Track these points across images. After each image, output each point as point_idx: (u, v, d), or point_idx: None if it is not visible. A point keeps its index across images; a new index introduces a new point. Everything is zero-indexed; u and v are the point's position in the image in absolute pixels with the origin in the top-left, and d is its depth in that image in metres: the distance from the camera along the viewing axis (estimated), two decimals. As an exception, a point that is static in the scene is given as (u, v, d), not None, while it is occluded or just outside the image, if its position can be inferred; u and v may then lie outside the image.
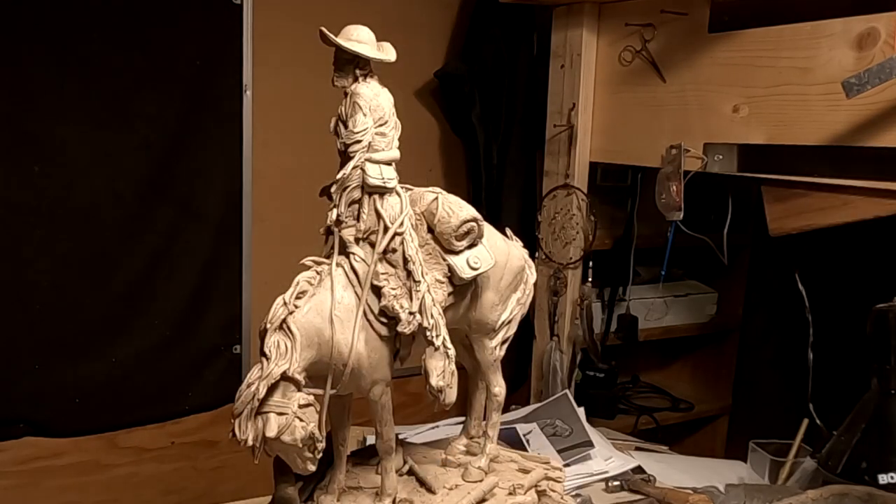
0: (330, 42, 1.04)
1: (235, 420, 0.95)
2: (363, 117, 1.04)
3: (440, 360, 1.05)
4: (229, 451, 2.16)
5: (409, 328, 1.03)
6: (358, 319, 1.01)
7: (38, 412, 1.91)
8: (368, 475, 1.17)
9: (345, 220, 1.05)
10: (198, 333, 2.07)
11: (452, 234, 1.09)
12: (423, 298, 1.03)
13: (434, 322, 1.04)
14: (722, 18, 1.70)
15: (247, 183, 2.07)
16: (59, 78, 1.81)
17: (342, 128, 1.05)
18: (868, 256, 2.12)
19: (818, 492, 1.36)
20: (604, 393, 2.36)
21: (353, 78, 1.05)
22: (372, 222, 1.05)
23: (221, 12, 1.98)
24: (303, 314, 0.99)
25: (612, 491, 1.61)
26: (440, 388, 1.04)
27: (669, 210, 1.76)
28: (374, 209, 1.05)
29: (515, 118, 2.31)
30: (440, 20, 2.30)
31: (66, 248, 1.88)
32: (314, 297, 1.01)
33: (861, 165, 1.46)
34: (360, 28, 1.05)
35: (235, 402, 0.95)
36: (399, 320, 1.02)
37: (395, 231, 1.04)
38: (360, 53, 1.03)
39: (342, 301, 1.01)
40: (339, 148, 1.06)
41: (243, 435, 0.96)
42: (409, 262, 1.05)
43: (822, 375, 1.88)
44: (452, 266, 1.09)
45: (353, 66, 1.05)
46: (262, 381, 0.94)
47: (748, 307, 2.58)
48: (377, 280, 1.03)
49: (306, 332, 0.98)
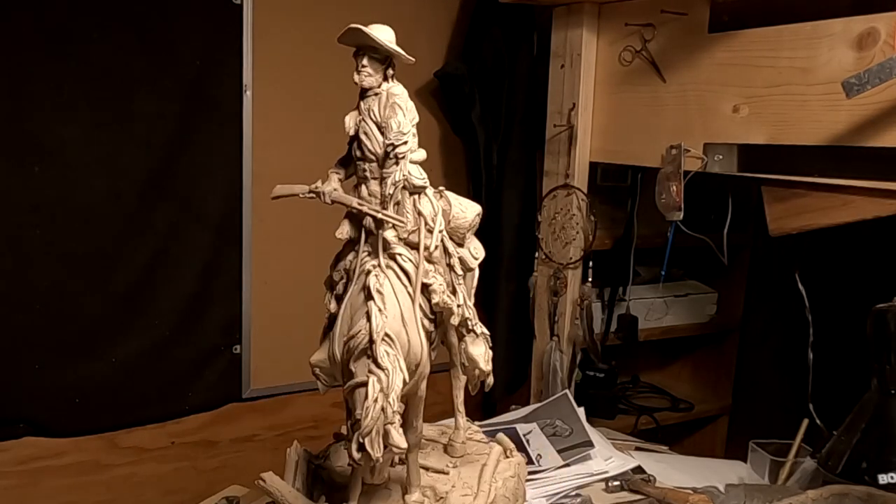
0: (371, 42, 1.02)
1: (366, 439, 0.89)
2: (404, 117, 1.03)
3: (482, 346, 1.13)
4: (229, 451, 2.16)
5: (458, 320, 1.08)
6: (418, 318, 1.02)
7: (38, 412, 1.91)
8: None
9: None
10: (198, 333, 2.07)
11: (468, 229, 1.14)
12: (463, 291, 1.10)
13: (473, 311, 1.11)
14: (722, 18, 1.70)
15: (247, 183, 2.07)
16: (59, 78, 1.81)
17: (375, 130, 1.04)
18: (868, 256, 2.12)
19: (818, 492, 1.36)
20: (604, 393, 2.37)
21: (384, 78, 1.05)
22: (412, 222, 1.06)
23: (221, 12, 1.98)
24: (389, 321, 0.98)
25: (612, 491, 1.61)
26: (490, 371, 1.14)
27: (669, 210, 1.76)
28: (415, 209, 1.06)
29: (515, 118, 2.31)
30: (440, 20, 2.31)
31: (66, 248, 1.88)
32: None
33: (861, 165, 1.46)
34: (388, 28, 1.04)
35: (364, 422, 0.88)
36: (451, 314, 1.06)
37: (438, 229, 1.07)
38: (399, 53, 1.03)
39: (405, 303, 1.02)
40: (376, 151, 1.04)
41: (377, 453, 0.89)
42: (452, 256, 1.09)
43: (822, 375, 1.87)
44: (463, 258, 1.14)
45: (384, 67, 1.04)
46: (392, 394, 0.91)
47: (748, 307, 2.58)
48: (426, 278, 1.04)
49: (398, 339, 0.98)
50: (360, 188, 1.07)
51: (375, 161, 1.05)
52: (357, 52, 1.04)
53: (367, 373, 0.92)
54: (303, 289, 2.08)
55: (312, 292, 1.28)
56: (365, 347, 0.94)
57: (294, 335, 2.11)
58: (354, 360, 0.94)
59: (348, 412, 0.98)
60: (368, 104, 1.04)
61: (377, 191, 1.05)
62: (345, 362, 0.97)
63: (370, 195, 1.05)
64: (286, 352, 2.15)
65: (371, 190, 1.05)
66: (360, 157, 1.05)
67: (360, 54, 1.03)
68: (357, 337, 0.94)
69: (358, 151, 1.05)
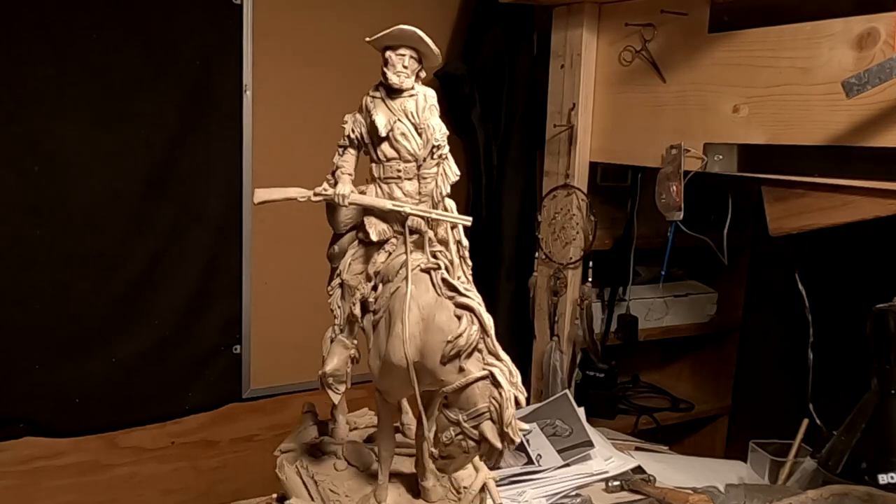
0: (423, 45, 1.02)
1: (509, 428, 0.92)
2: (439, 119, 1.05)
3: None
4: (229, 451, 2.16)
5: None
6: None
7: (38, 412, 1.91)
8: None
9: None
10: (198, 333, 2.07)
11: None
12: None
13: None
14: (722, 18, 1.70)
15: (247, 183, 2.07)
16: (59, 78, 1.81)
17: (413, 130, 1.04)
18: (868, 256, 2.12)
19: (818, 492, 1.36)
20: (604, 393, 2.36)
21: (416, 79, 1.05)
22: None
23: (221, 12, 1.98)
24: None
25: (612, 491, 1.61)
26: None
27: (669, 210, 1.76)
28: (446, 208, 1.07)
29: (515, 118, 2.31)
30: (440, 20, 2.31)
31: (67, 248, 1.88)
32: None
33: (861, 165, 1.46)
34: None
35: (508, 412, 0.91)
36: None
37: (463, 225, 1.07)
38: (438, 55, 1.04)
39: None
40: (415, 151, 1.04)
41: (518, 437, 0.93)
42: (465, 249, 1.09)
43: (822, 375, 1.87)
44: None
45: (418, 69, 1.05)
46: (517, 381, 0.94)
47: (748, 307, 2.58)
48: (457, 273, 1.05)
49: None
50: (386, 188, 1.06)
51: (413, 161, 1.05)
52: (392, 52, 1.03)
53: (481, 367, 0.93)
54: (303, 289, 2.09)
55: (312, 292, 1.28)
56: (475, 343, 0.94)
57: (294, 335, 2.11)
58: (466, 358, 0.94)
59: (424, 409, 1.01)
60: (403, 104, 1.04)
61: (413, 191, 1.05)
62: (440, 362, 0.95)
63: (406, 195, 1.05)
64: (286, 352, 2.15)
65: (406, 190, 1.05)
66: (394, 158, 1.05)
67: (399, 55, 1.03)
68: (465, 335, 0.93)
69: (391, 151, 1.05)
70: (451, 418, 0.94)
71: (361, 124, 1.07)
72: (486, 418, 0.92)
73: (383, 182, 1.06)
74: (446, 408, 0.96)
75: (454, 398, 0.94)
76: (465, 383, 0.93)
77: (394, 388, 1.06)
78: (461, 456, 0.96)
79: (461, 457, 0.96)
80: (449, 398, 0.95)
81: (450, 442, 0.95)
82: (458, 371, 0.94)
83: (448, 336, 0.94)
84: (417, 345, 0.97)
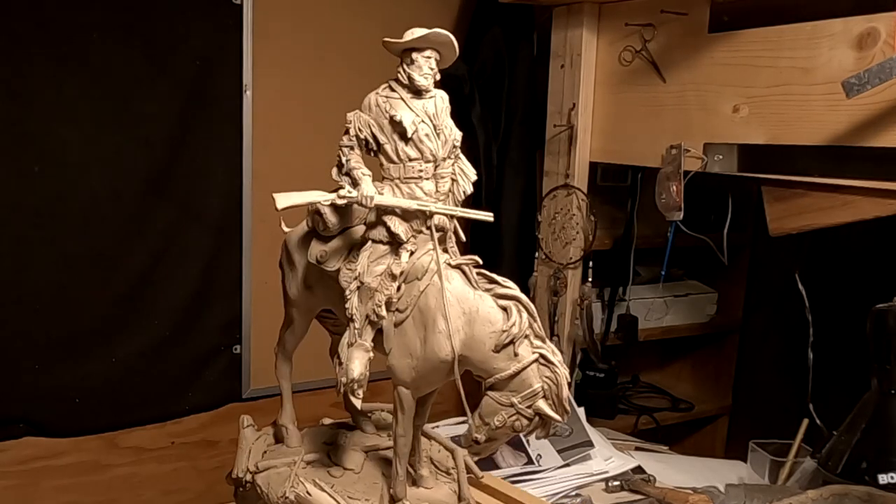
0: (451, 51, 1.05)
1: (565, 401, 0.98)
2: (451, 120, 1.08)
3: None
4: (229, 451, 2.16)
5: None
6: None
7: (38, 412, 1.91)
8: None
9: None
10: (198, 333, 2.07)
11: None
12: None
13: None
14: (722, 18, 1.70)
15: (247, 183, 2.07)
16: (59, 78, 1.81)
17: (433, 131, 1.05)
18: (868, 256, 2.12)
19: (818, 492, 1.36)
20: (604, 393, 2.36)
21: (433, 81, 1.07)
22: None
23: (221, 12, 1.98)
24: None
25: (612, 491, 1.61)
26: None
27: (669, 210, 1.76)
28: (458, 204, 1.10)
29: (515, 118, 2.31)
30: (440, 20, 2.30)
31: (66, 248, 1.87)
32: None
33: (861, 165, 1.46)
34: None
35: (564, 388, 0.98)
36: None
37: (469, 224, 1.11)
38: (454, 60, 1.06)
39: None
40: (436, 151, 1.06)
41: (570, 410, 1.00)
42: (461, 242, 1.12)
43: (822, 375, 1.88)
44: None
45: (437, 70, 1.07)
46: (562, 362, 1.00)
47: (748, 307, 2.58)
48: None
49: None
50: (406, 188, 1.06)
51: (433, 161, 1.06)
52: (419, 54, 1.05)
53: (531, 351, 0.98)
54: (303, 289, 2.08)
55: (312, 292, 1.28)
56: (526, 330, 0.98)
57: (294, 335, 2.11)
58: (519, 345, 0.98)
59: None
60: (424, 106, 1.05)
61: (431, 190, 1.06)
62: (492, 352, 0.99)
63: (427, 195, 1.06)
64: (286, 352, 2.15)
65: (426, 190, 1.06)
66: (417, 158, 1.05)
67: (426, 57, 1.05)
68: (517, 324, 0.98)
69: (414, 152, 1.05)
70: (503, 402, 0.98)
71: (371, 124, 1.06)
72: (540, 397, 0.97)
73: (403, 182, 1.06)
74: (494, 392, 1.00)
75: (506, 383, 0.98)
76: (520, 368, 0.97)
77: (427, 383, 1.07)
78: (506, 436, 1.02)
79: (505, 437, 1.02)
80: (499, 384, 0.99)
81: (502, 424, 0.99)
82: (511, 357, 0.98)
83: (497, 326, 0.98)
84: (462, 338, 1.00)
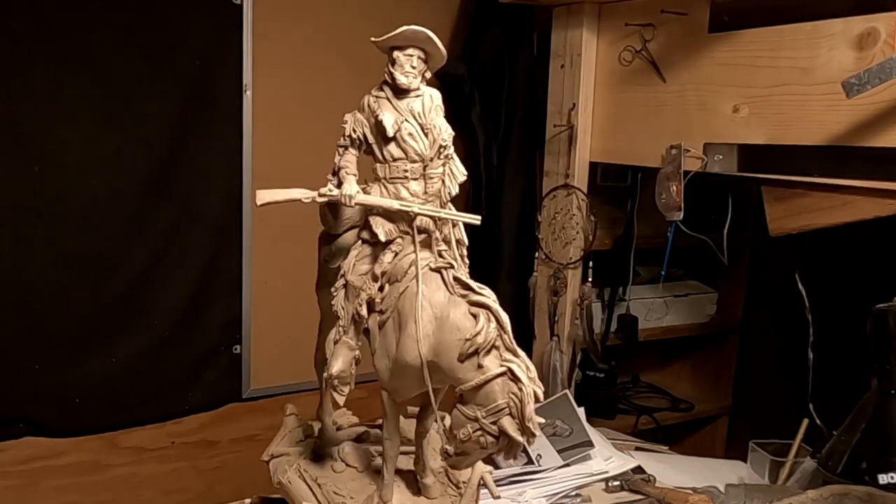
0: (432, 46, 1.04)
1: (530, 422, 0.92)
2: (444, 119, 1.07)
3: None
4: (229, 451, 2.16)
5: None
6: None
7: (38, 412, 1.91)
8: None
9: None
10: (198, 333, 2.07)
11: None
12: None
13: None
14: (722, 18, 1.70)
15: (247, 183, 2.07)
16: (59, 78, 1.81)
17: (419, 130, 1.05)
18: (868, 256, 2.12)
19: (818, 492, 1.36)
20: (604, 393, 2.36)
21: (421, 79, 1.06)
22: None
23: (221, 12, 1.98)
24: None
25: (612, 491, 1.61)
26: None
27: (669, 210, 1.76)
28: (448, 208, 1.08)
29: (515, 118, 2.31)
30: (440, 20, 2.30)
31: (66, 248, 1.88)
32: None
33: (861, 165, 1.46)
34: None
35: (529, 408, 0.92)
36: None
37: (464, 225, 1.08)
38: (444, 56, 1.05)
39: None
40: (422, 152, 1.05)
41: (538, 431, 0.94)
42: (464, 248, 1.09)
43: (822, 375, 1.87)
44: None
45: (425, 69, 1.06)
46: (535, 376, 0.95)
47: (748, 307, 2.58)
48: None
49: None
50: (392, 188, 1.06)
51: (419, 161, 1.05)
52: (400, 53, 1.04)
53: (499, 364, 0.93)
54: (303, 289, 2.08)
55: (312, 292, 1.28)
56: (493, 340, 0.94)
57: (294, 335, 2.11)
58: (484, 355, 0.94)
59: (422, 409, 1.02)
60: (409, 105, 1.05)
61: (419, 190, 1.06)
62: (457, 360, 0.95)
63: (412, 195, 1.05)
64: (286, 352, 2.15)
65: (413, 190, 1.06)
66: (401, 158, 1.05)
67: (407, 55, 1.04)
68: (483, 333, 0.93)
69: (398, 152, 1.05)
70: (468, 415, 0.94)
71: (363, 124, 1.06)
72: (505, 414, 0.92)
73: (389, 182, 1.06)
74: (462, 404, 0.95)
75: (471, 395, 0.94)
76: (484, 380, 0.93)
77: (404, 387, 1.06)
78: (477, 452, 0.96)
79: (477, 453, 0.96)
80: (465, 395, 0.95)
81: (467, 438, 0.94)
82: (476, 368, 0.94)
83: (464, 334, 0.94)
84: (431, 343, 0.97)
